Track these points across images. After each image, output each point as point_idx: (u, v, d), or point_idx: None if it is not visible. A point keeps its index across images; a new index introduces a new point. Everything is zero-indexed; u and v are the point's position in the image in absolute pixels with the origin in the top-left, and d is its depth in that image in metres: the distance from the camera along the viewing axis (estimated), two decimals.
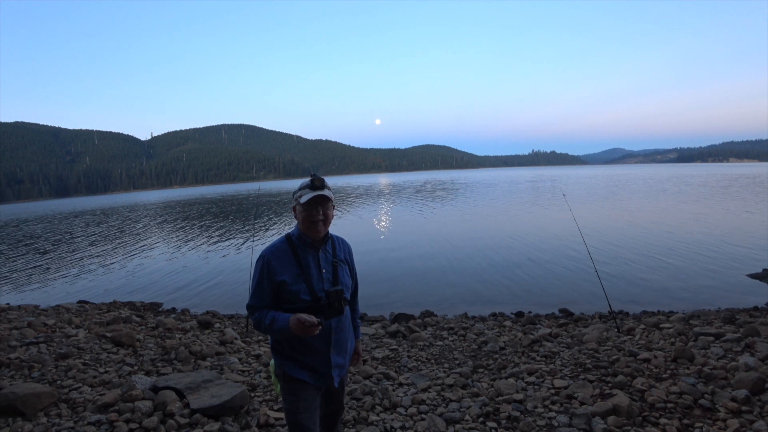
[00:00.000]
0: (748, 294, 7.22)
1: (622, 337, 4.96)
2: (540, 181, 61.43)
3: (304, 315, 1.76)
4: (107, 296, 9.12)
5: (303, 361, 1.94)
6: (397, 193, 43.77)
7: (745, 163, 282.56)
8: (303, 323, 1.73)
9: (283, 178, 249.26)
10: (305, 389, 1.94)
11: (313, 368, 1.94)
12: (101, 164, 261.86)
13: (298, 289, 1.88)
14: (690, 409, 3.07)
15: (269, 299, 1.90)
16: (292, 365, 1.94)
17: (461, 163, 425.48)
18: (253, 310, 1.92)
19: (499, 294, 8.06)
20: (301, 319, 1.74)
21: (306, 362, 1.94)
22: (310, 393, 1.95)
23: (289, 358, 1.95)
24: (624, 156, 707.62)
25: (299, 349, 1.93)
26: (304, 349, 1.93)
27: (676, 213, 18.53)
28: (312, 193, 1.88)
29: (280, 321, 1.80)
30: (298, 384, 1.93)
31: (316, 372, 1.95)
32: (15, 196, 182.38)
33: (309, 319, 1.74)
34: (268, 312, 1.86)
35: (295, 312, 1.82)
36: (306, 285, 1.89)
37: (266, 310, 1.88)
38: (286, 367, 1.94)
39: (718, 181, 43.67)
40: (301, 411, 1.92)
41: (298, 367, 1.93)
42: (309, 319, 1.74)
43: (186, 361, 4.48)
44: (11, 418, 3.06)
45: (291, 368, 1.93)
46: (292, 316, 1.78)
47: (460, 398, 3.51)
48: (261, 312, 1.88)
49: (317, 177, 1.92)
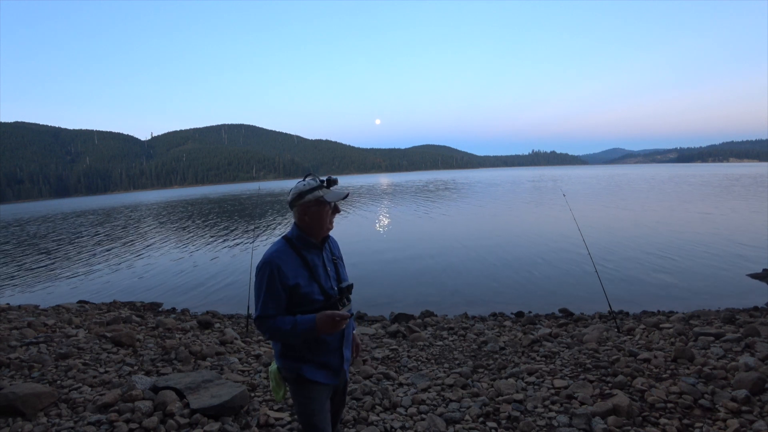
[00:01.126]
0: (748, 294, 7.22)
1: (622, 337, 4.96)
2: (541, 180, 61.44)
3: (333, 311, 1.78)
4: (107, 296, 9.12)
5: (318, 361, 1.92)
6: (398, 194, 43.78)
7: (745, 163, 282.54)
8: (333, 318, 1.74)
9: (283, 178, 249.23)
10: (318, 390, 1.93)
11: (329, 366, 1.94)
12: (101, 164, 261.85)
13: (311, 290, 1.85)
14: (690, 409, 3.07)
15: (285, 306, 1.83)
16: (306, 367, 1.90)
17: (461, 163, 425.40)
18: (266, 320, 1.81)
19: (499, 294, 8.06)
20: (330, 315, 1.75)
21: (322, 362, 1.93)
22: (323, 393, 1.95)
23: (302, 360, 1.91)
24: (624, 156, 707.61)
25: (314, 349, 1.91)
26: (320, 348, 1.92)
27: (676, 213, 18.53)
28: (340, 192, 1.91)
29: (304, 323, 1.76)
30: (311, 386, 1.91)
31: (331, 369, 1.95)
32: (15, 196, 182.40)
33: (340, 314, 1.75)
34: (283, 318, 1.80)
35: (305, 314, 1.82)
36: (318, 285, 1.88)
37: (281, 317, 1.81)
38: (301, 370, 1.90)
39: (720, 180, 43.70)
40: (316, 413, 1.91)
41: (314, 368, 1.91)
42: (340, 314, 1.75)
43: (186, 361, 4.48)
44: (11, 418, 3.06)
45: (307, 370, 1.90)
46: (320, 314, 1.77)
47: (460, 398, 3.51)
48: (275, 320, 1.80)
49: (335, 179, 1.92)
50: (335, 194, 1.90)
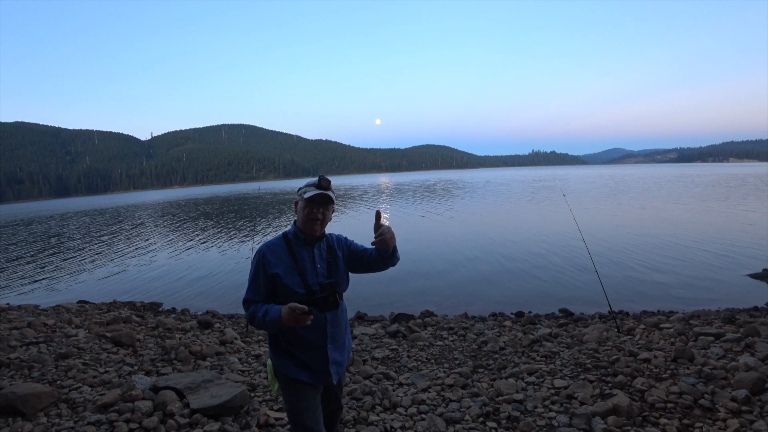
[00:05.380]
0: (748, 294, 7.22)
1: (622, 337, 4.96)
2: (542, 180, 61.43)
3: (295, 303, 1.77)
4: (107, 296, 9.12)
5: (300, 358, 1.94)
6: (399, 194, 43.77)
7: (745, 163, 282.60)
8: (294, 311, 1.73)
9: (283, 178, 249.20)
10: (304, 389, 1.94)
11: (310, 366, 1.95)
12: (101, 164, 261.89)
13: (293, 282, 1.91)
14: (690, 409, 3.07)
15: (264, 293, 1.93)
16: (289, 365, 1.94)
17: (461, 163, 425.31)
18: (248, 304, 1.94)
19: (499, 294, 8.06)
20: (292, 307, 1.74)
21: (303, 359, 1.94)
22: (310, 392, 1.95)
23: (286, 355, 1.96)
24: (624, 156, 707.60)
25: (295, 344, 1.94)
26: (301, 344, 1.94)
27: (676, 213, 18.52)
28: (316, 191, 1.93)
29: (272, 312, 1.81)
30: (296, 384, 1.94)
31: (313, 370, 1.95)
32: (15, 196, 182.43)
33: (300, 307, 1.74)
34: (262, 305, 1.89)
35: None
36: (300, 278, 1.92)
37: (260, 304, 1.90)
38: (284, 368, 1.95)
39: (723, 180, 43.67)
40: (302, 411, 1.92)
41: (295, 367, 1.94)
42: (300, 307, 1.74)
43: (186, 361, 4.48)
44: (11, 418, 3.06)
45: (288, 369, 1.94)
46: (284, 306, 1.78)
47: (460, 398, 3.51)
48: (256, 306, 1.90)
49: (325, 178, 1.97)
50: (312, 192, 1.94)
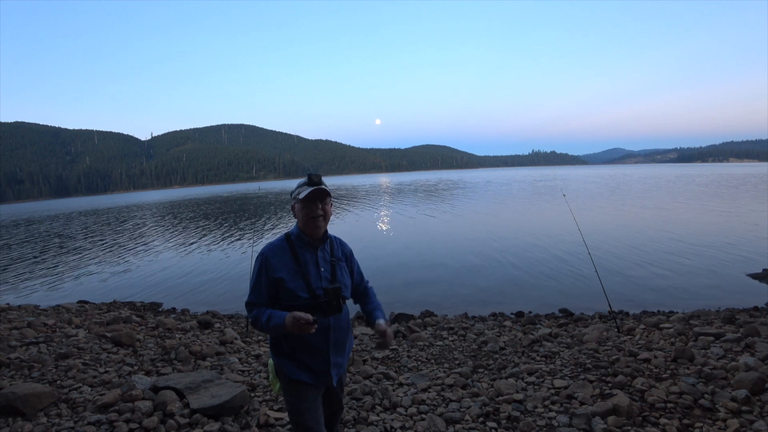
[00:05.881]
0: (748, 294, 7.22)
1: (622, 337, 4.96)
2: (542, 180, 61.43)
3: (300, 312, 1.76)
4: (107, 296, 9.12)
5: (302, 360, 1.94)
6: (399, 194, 43.77)
7: (745, 163, 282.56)
8: (299, 320, 1.73)
9: (283, 178, 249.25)
10: (305, 389, 1.94)
11: (312, 368, 1.94)
12: (101, 164, 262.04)
13: (296, 286, 1.89)
14: (690, 409, 3.07)
15: (267, 296, 1.91)
16: (291, 366, 1.94)
17: (461, 163, 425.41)
18: (251, 307, 1.93)
19: (499, 294, 8.06)
20: (296, 317, 1.74)
21: (305, 361, 1.94)
22: (311, 393, 1.95)
23: (288, 357, 1.95)
24: (624, 156, 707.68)
25: (298, 348, 1.94)
26: (303, 347, 1.93)
27: (676, 213, 18.51)
28: (310, 188, 1.90)
29: (276, 318, 1.80)
30: (298, 385, 1.94)
31: (315, 372, 1.95)
32: (15, 196, 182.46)
33: (304, 317, 1.73)
34: (265, 309, 1.87)
35: (293, 310, 1.82)
36: (304, 282, 1.90)
37: (264, 308, 1.88)
38: (285, 369, 1.95)
39: (723, 180, 43.66)
40: (303, 412, 1.92)
41: (297, 368, 1.94)
42: (304, 317, 1.73)
43: (186, 361, 4.48)
44: (11, 418, 3.06)
45: (290, 370, 1.94)
46: (289, 314, 1.77)
47: (460, 398, 3.51)
48: (259, 309, 1.89)
49: (314, 174, 1.94)
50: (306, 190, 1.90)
